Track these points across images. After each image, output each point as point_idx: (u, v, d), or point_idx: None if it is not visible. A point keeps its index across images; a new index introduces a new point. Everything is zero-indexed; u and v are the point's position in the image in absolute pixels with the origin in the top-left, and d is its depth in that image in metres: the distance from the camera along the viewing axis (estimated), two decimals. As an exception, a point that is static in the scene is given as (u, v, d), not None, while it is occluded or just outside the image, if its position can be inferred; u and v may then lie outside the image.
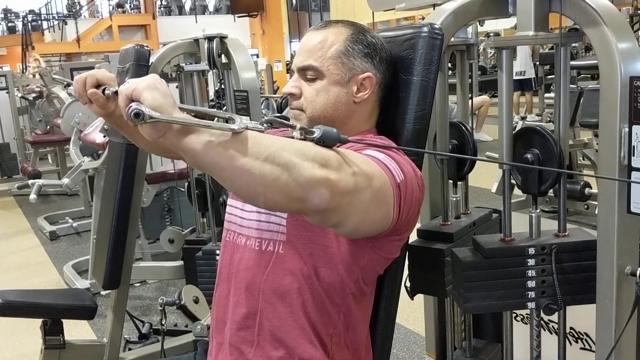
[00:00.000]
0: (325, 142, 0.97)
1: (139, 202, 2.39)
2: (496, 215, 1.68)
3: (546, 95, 5.92)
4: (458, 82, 1.61)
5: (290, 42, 19.25)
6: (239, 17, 17.33)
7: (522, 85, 9.03)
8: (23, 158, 7.46)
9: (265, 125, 0.93)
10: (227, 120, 0.90)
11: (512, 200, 1.57)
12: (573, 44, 1.53)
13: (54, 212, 5.82)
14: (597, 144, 4.58)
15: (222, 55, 2.41)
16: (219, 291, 1.29)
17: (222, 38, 2.37)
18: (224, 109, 2.90)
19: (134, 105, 0.83)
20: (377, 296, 1.28)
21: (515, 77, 8.86)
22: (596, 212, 1.30)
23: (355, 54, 1.23)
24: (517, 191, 1.48)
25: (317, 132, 0.97)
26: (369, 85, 1.25)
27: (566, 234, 1.36)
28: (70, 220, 5.32)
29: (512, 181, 1.44)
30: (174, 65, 2.67)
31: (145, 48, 2.30)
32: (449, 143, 1.56)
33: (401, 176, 1.08)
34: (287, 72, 14.59)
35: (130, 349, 2.77)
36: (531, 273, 1.32)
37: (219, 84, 2.77)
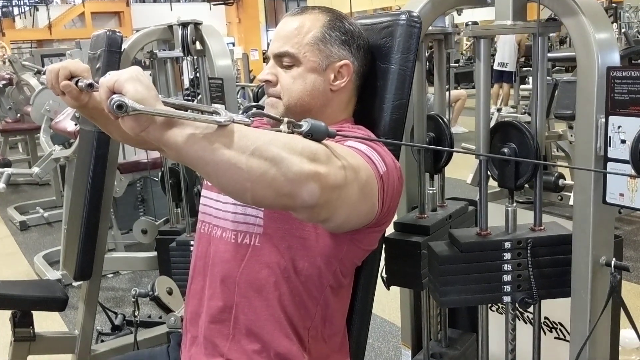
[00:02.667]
0: (313, 135, 0.94)
1: (110, 191, 2.35)
2: (472, 208, 1.67)
3: (522, 87, 5.97)
4: (435, 72, 1.60)
5: (267, 30, 19.13)
6: (214, 5, 17.15)
7: (502, 77, 9.04)
8: (-8, 146, 7.30)
9: (251, 118, 0.90)
10: (212, 114, 0.86)
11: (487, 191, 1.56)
12: (550, 34, 1.53)
13: (24, 201, 5.70)
14: (571, 135, 4.62)
15: (197, 42, 2.36)
16: (194, 284, 1.26)
17: (196, 24, 2.33)
18: (199, 97, 2.86)
19: (116, 97, 0.80)
20: (354, 287, 1.26)
21: (497, 68, 8.87)
22: (570, 203, 1.30)
23: (332, 40, 1.21)
24: (492, 182, 1.47)
25: (305, 125, 0.94)
26: (347, 73, 1.23)
27: (542, 228, 1.36)
28: (41, 210, 5.23)
29: (488, 173, 1.43)
30: (147, 52, 2.62)
31: (117, 34, 2.25)
32: (426, 136, 1.55)
33: (383, 167, 1.07)
34: (264, 61, 14.49)
35: (102, 341, 2.73)
36: (507, 267, 1.32)
37: (194, 73, 2.73)
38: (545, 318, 1.64)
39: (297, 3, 19.46)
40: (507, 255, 1.32)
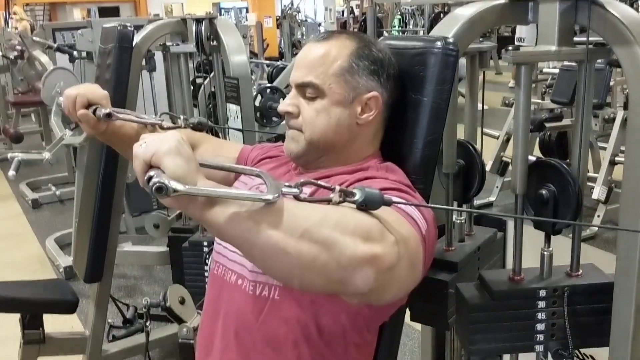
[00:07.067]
0: (367, 206, 0.84)
1: (121, 194, 2.28)
2: (500, 235, 1.57)
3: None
4: (467, 92, 1.47)
5: (281, -4, 18.78)
6: (228, -31, 16.82)
7: None
8: (4, 118, 7.20)
9: (300, 188, 0.80)
10: (257, 177, 0.79)
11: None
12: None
13: (37, 177, 5.61)
14: (595, 124, 4.48)
15: (212, 38, 2.25)
16: (203, 327, 1.19)
17: (211, 19, 2.21)
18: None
19: (154, 177, 0.70)
20: (378, 339, 1.18)
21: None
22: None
23: (360, 71, 1.11)
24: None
25: (358, 194, 0.83)
26: (375, 106, 1.13)
27: (579, 273, 1.26)
28: (53, 188, 5.18)
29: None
30: (160, 45, 2.51)
31: (129, 29, 2.14)
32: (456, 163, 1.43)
33: (424, 225, 0.96)
34: (277, 28, 14.19)
35: (114, 336, 2.68)
36: (541, 316, 1.23)
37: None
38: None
39: (313, -32, 19.00)
40: (542, 304, 1.23)
